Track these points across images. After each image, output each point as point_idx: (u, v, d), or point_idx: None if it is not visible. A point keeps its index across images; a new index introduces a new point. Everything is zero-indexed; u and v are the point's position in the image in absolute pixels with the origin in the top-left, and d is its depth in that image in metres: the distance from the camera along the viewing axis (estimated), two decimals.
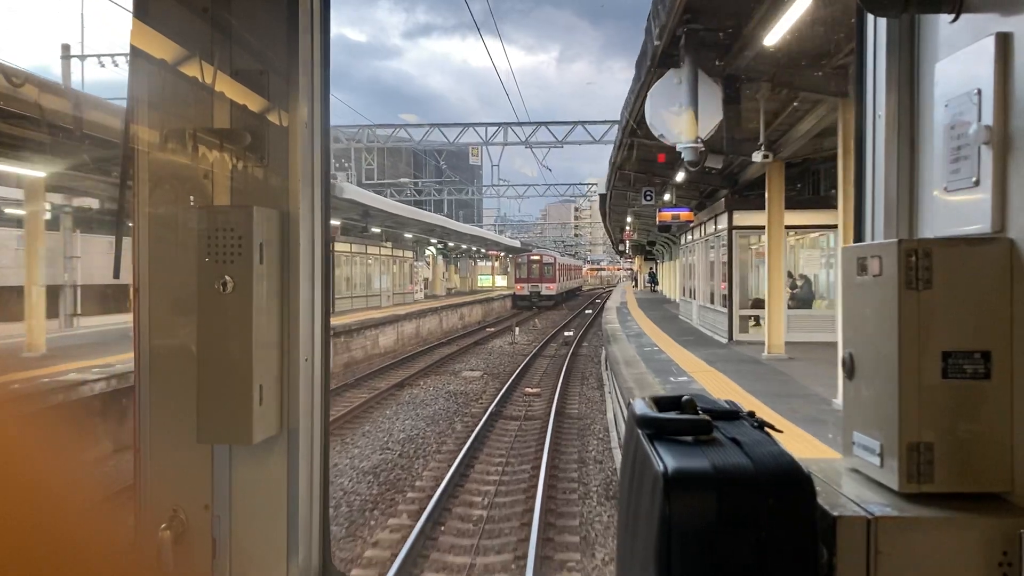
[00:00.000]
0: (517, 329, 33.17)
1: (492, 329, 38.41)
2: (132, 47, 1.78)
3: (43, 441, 0.49)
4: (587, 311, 54.21)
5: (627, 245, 51.43)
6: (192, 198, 1.80)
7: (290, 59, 1.77)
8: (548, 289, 58.15)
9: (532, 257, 60.24)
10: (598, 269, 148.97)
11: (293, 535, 1.78)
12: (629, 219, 27.13)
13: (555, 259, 60.41)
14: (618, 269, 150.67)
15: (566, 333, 36.32)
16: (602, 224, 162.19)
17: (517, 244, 70.73)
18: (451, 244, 48.79)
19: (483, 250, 62.26)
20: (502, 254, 71.01)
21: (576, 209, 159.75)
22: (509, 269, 64.81)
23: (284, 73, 1.77)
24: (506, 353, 28.72)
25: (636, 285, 72.16)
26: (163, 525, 1.74)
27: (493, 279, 71.59)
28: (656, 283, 59.05)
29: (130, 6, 1.78)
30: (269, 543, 1.79)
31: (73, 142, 11.21)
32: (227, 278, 1.68)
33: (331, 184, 2.07)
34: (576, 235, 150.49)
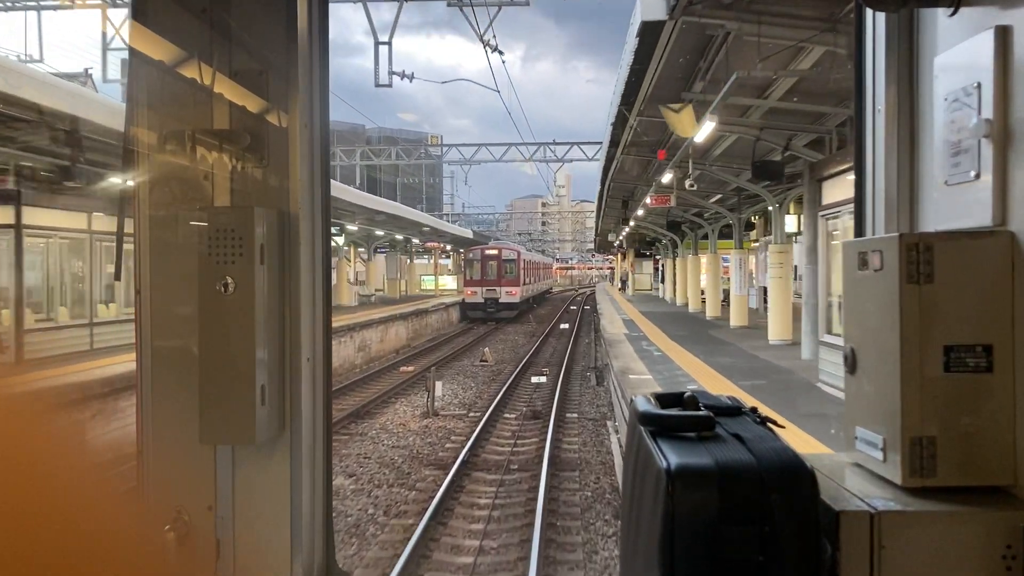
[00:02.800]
0: (439, 384, 16.90)
1: (410, 368, 22.28)
2: (131, 48, 1.78)
3: (45, 440, 0.50)
4: (563, 325, 38.44)
5: (623, 233, 35.43)
6: (192, 199, 1.78)
7: (289, 60, 1.76)
8: (509, 295, 42.24)
9: (487, 252, 44.14)
10: (567, 268, 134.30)
11: (297, 535, 1.76)
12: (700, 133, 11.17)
13: (518, 254, 44.46)
14: (590, 268, 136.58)
15: (535, 379, 20.31)
16: (571, 219, 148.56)
17: (468, 234, 53.78)
18: (352, 228, 31.75)
19: (416, 240, 44.45)
20: (448, 247, 53.84)
21: (543, 204, 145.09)
22: (463, 267, 48.13)
23: (283, 74, 1.76)
24: (402, 458, 12.60)
25: (624, 288, 55.77)
26: (167, 526, 1.72)
27: (437, 281, 54.45)
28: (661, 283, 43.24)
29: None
30: (273, 543, 1.77)
31: None
32: (228, 279, 1.67)
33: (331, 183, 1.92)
34: (544, 227, 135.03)
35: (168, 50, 1.78)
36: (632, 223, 28.48)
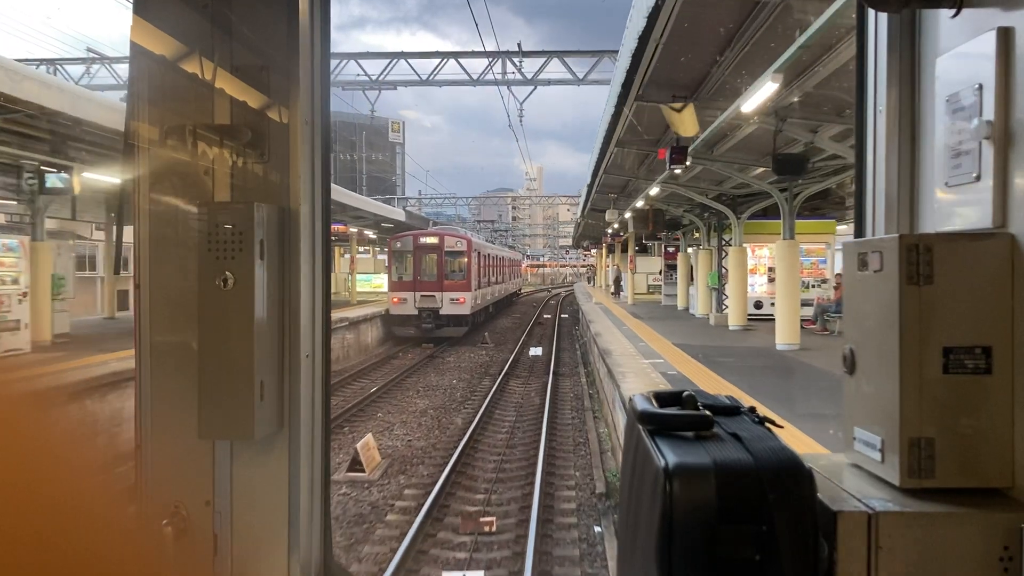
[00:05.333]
0: None
1: None
2: (132, 43, 1.81)
3: (44, 437, 0.51)
4: (533, 350, 24.73)
5: (641, 200, 21.46)
6: (193, 194, 1.81)
7: (290, 55, 1.79)
8: (456, 303, 28.84)
9: (423, 240, 30.26)
10: (539, 266, 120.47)
11: (294, 530, 1.79)
12: None
13: (469, 244, 30.52)
14: (563, 266, 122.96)
15: None
16: (543, 206, 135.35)
17: (399, 215, 38.17)
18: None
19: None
20: (371, 234, 38.12)
21: (513, 198, 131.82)
22: (387, 261, 33.00)
23: (284, 69, 1.79)
24: None
25: (616, 291, 41.27)
26: (164, 521, 1.75)
27: (353, 280, 38.10)
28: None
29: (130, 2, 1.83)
30: (270, 539, 1.80)
31: None
32: (228, 274, 1.69)
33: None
34: (514, 221, 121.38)
35: (169, 45, 1.82)
36: (683, 167, 13.38)
